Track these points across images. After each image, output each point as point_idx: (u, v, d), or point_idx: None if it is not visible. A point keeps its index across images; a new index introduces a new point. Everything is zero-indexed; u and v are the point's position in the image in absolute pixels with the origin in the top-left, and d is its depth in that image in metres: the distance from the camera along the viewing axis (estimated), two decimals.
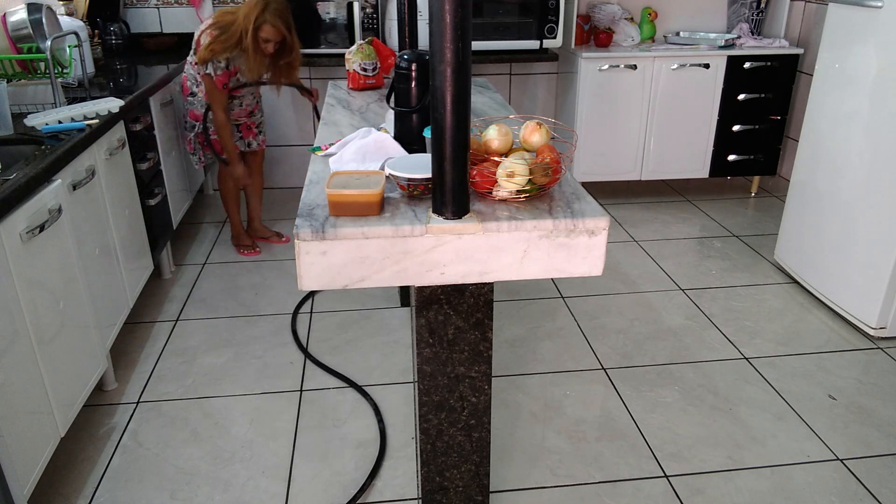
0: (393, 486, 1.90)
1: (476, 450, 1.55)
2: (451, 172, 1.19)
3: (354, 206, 1.26)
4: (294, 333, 2.63)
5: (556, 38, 3.54)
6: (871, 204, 2.50)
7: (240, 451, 2.04)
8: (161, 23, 3.74)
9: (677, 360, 2.48)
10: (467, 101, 1.16)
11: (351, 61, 2.38)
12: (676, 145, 3.81)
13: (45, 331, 1.79)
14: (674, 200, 4.01)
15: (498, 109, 2.11)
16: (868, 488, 1.90)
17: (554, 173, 1.34)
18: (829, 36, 2.73)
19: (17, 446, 1.62)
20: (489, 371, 1.46)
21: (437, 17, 1.10)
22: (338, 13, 3.46)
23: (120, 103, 2.40)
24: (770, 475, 1.95)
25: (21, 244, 1.68)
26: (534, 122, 1.46)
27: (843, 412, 2.21)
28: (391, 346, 2.54)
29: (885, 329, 2.55)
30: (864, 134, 2.54)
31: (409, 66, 1.58)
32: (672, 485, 1.92)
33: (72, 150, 2.01)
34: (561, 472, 1.96)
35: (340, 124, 1.95)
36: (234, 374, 2.39)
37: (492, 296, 1.38)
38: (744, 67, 3.67)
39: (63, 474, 1.95)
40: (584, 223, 1.27)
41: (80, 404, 1.98)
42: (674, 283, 3.03)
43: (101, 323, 2.19)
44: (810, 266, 2.88)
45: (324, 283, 1.25)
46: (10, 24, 2.54)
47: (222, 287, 3.00)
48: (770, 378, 2.38)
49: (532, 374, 2.39)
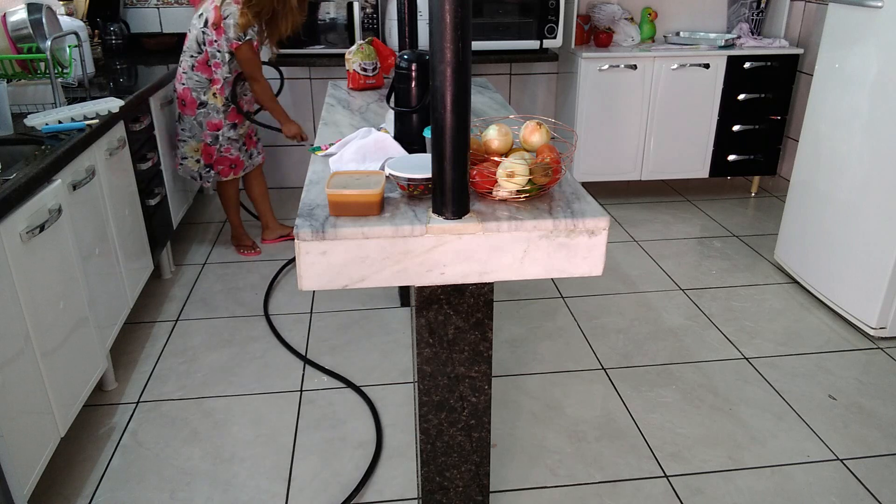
0: (393, 486, 1.90)
1: (476, 450, 1.55)
2: (451, 172, 1.19)
3: (354, 206, 1.26)
4: (268, 319, 2.73)
5: (556, 38, 3.54)
6: (871, 204, 2.50)
7: (240, 451, 2.04)
8: (161, 23, 3.74)
9: (677, 360, 2.48)
10: (467, 101, 1.15)
11: (351, 61, 2.38)
12: (676, 145, 3.81)
13: (45, 331, 1.79)
14: (674, 200, 4.01)
15: (498, 109, 2.11)
16: (868, 488, 1.90)
17: (554, 173, 1.34)
18: (829, 36, 2.73)
19: (17, 446, 1.62)
20: (489, 371, 1.46)
21: (437, 17, 1.10)
22: (338, 13, 3.46)
23: (120, 103, 2.40)
24: (770, 475, 1.95)
25: (21, 244, 1.68)
26: (534, 122, 1.46)
27: (843, 412, 2.21)
28: (391, 346, 2.54)
29: (885, 329, 2.55)
30: (864, 134, 2.54)
31: (409, 66, 1.58)
32: (672, 485, 1.92)
33: (72, 150, 2.01)
34: (561, 472, 1.96)
35: (340, 124, 1.95)
36: (234, 374, 2.39)
37: (492, 296, 1.38)
38: (744, 67, 3.67)
39: (63, 474, 1.95)
40: (584, 223, 1.27)
41: (80, 404, 1.98)
42: (674, 283, 3.03)
43: (101, 323, 2.19)
44: (810, 266, 2.88)
45: (324, 283, 1.25)
46: (10, 24, 2.54)
47: (222, 287, 3.00)
48: (770, 378, 2.38)
49: (532, 374, 2.39)
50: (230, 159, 3.06)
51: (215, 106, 2.93)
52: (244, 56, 2.81)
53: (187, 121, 2.97)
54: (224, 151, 3.02)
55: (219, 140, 2.99)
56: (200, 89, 2.91)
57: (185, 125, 2.99)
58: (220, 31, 2.78)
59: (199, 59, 2.87)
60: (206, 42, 2.83)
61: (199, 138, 3.00)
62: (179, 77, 2.93)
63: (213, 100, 2.92)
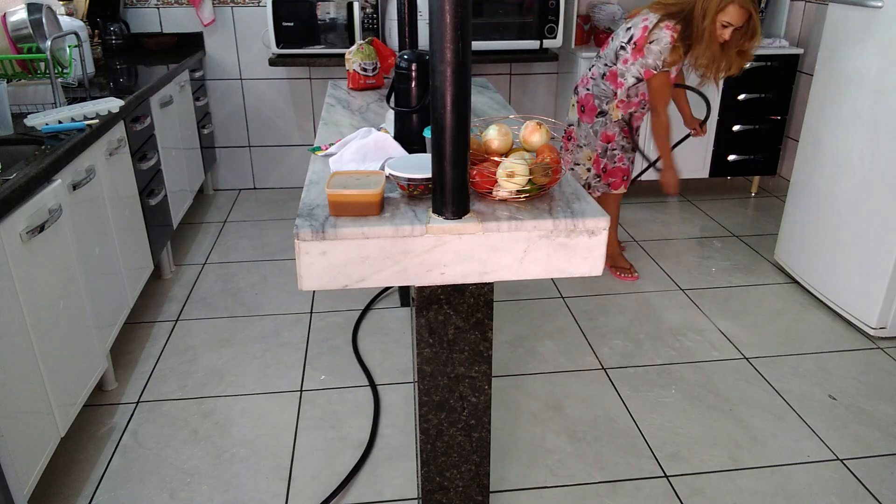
0: (393, 486, 1.90)
1: (476, 450, 1.55)
2: (451, 172, 1.19)
3: (354, 206, 1.26)
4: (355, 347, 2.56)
5: (556, 38, 3.54)
6: (871, 204, 2.50)
7: (240, 451, 2.04)
8: (161, 23, 3.74)
9: (677, 360, 2.48)
10: (467, 101, 1.16)
11: (351, 61, 2.38)
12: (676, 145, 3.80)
13: (45, 331, 1.79)
14: (673, 200, 4.01)
15: (498, 109, 2.11)
16: (868, 488, 1.90)
17: (554, 173, 1.34)
18: (829, 36, 2.73)
19: (17, 446, 1.62)
20: (489, 371, 1.46)
21: (437, 17, 1.10)
22: (338, 13, 3.46)
23: (120, 103, 2.40)
24: (770, 475, 1.95)
25: (21, 244, 1.68)
26: (534, 122, 1.46)
27: (843, 412, 2.21)
28: (391, 346, 2.54)
29: (885, 329, 2.55)
30: (865, 134, 2.54)
31: (409, 66, 1.58)
32: (672, 485, 1.92)
33: (72, 150, 2.01)
34: (561, 472, 1.96)
35: (340, 124, 1.95)
36: (234, 374, 2.39)
37: (492, 296, 1.38)
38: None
39: (63, 474, 1.95)
40: (584, 223, 1.27)
41: (80, 404, 1.98)
42: (674, 283, 3.03)
43: (101, 323, 2.19)
44: (810, 266, 2.88)
45: (324, 283, 1.25)
46: (10, 24, 2.54)
47: (222, 287, 3.00)
48: (770, 378, 2.38)
49: (532, 374, 2.39)
50: (623, 170, 2.92)
51: (611, 118, 2.80)
52: (655, 85, 2.64)
53: (584, 128, 2.86)
54: (617, 161, 2.89)
55: (608, 152, 2.86)
56: (604, 98, 2.79)
57: (582, 132, 2.88)
58: (640, 53, 2.60)
59: (612, 70, 2.73)
60: (619, 59, 2.68)
61: (592, 147, 2.88)
62: (585, 81, 2.83)
63: (612, 111, 2.79)
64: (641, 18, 2.62)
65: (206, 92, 3.88)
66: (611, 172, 2.91)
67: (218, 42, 3.81)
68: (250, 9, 3.75)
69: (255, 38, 3.79)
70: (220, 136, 4.02)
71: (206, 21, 3.70)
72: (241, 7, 3.74)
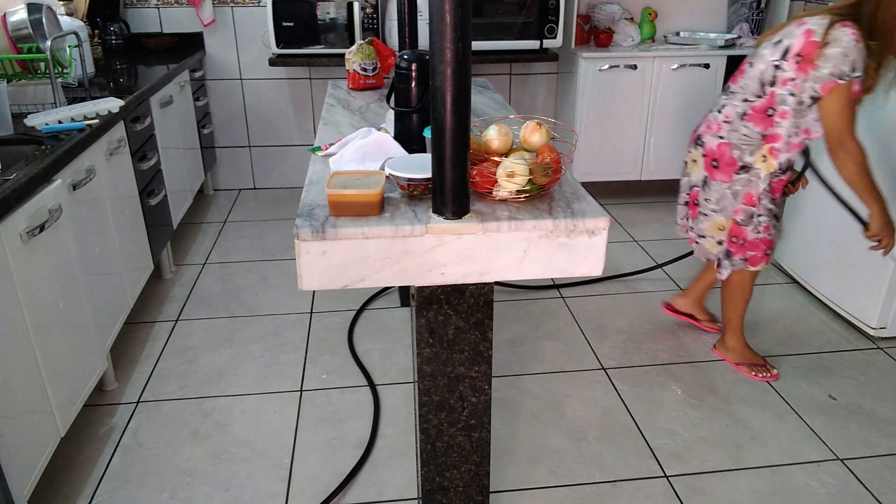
0: (393, 486, 1.90)
1: (476, 450, 1.55)
2: (451, 172, 1.19)
3: (354, 206, 1.26)
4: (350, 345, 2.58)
5: (556, 38, 3.54)
6: None
7: (240, 451, 2.04)
8: (161, 23, 3.74)
9: (677, 360, 2.48)
10: (467, 101, 1.16)
11: (351, 61, 2.38)
12: (676, 145, 3.80)
13: (45, 331, 1.79)
14: (674, 200, 3.99)
15: (498, 109, 2.11)
16: (868, 488, 1.90)
17: (554, 173, 1.34)
18: None
19: (17, 446, 1.62)
20: (489, 371, 1.46)
21: (437, 17, 1.10)
22: (338, 13, 3.46)
23: (120, 103, 2.40)
24: (770, 475, 1.95)
25: (21, 244, 1.68)
26: (534, 122, 1.46)
27: (843, 412, 2.21)
28: (391, 346, 2.54)
29: (885, 329, 2.55)
30: (864, 134, 2.52)
31: (409, 66, 1.58)
32: (672, 485, 1.92)
33: (72, 150, 2.01)
34: (561, 472, 1.96)
35: (340, 124, 1.95)
36: (234, 374, 2.39)
37: (492, 296, 1.38)
38: None
39: (63, 474, 1.95)
40: (584, 223, 1.27)
41: (80, 404, 1.98)
42: (674, 284, 3.03)
43: (101, 323, 2.19)
44: (810, 266, 2.88)
45: (324, 283, 1.25)
46: (10, 24, 2.54)
47: (222, 287, 3.00)
48: None
49: (532, 374, 2.39)
50: (767, 242, 2.19)
51: (758, 173, 2.12)
52: (836, 105, 1.94)
53: (717, 188, 2.18)
54: (762, 230, 2.17)
55: (753, 219, 2.16)
56: (746, 147, 2.11)
57: (712, 193, 2.20)
58: (809, 66, 1.94)
59: (757, 106, 2.06)
60: (776, 81, 2.01)
61: (728, 213, 2.20)
62: (716, 127, 2.16)
63: (760, 163, 2.11)
64: (796, 25, 1.99)
65: (206, 92, 3.88)
66: (750, 245, 2.20)
67: (218, 42, 3.81)
68: (250, 9, 3.75)
69: (255, 38, 3.79)
70: (220, 136, 4.02)
71: (206, 21, 3.70)
72: (241, 7, 3.74)
